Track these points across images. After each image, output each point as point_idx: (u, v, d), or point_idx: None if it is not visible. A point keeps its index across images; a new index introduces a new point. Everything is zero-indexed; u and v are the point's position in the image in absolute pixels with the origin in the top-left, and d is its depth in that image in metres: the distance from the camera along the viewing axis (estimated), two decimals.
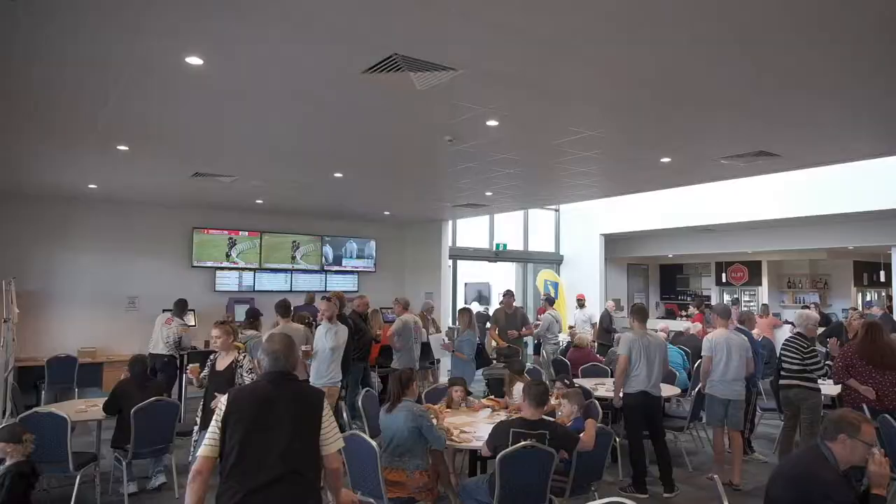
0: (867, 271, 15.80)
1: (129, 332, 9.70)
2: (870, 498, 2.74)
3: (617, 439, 5.79)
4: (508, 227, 14.28)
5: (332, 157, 6.76)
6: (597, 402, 5.41)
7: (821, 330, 9.98)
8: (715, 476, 3.27)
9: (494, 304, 14.31)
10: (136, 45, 3.66)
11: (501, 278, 15.50)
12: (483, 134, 5.69)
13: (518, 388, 5.55)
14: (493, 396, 5.99)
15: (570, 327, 11.86)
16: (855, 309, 12.79)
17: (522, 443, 3.76)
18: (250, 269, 11.40)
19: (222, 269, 11.11)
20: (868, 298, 15.94)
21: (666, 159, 6.77)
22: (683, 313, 16.70)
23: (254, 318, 7.06)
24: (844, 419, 2.82)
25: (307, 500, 2.59)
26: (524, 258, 14.79)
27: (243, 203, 10.25)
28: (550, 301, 11.80)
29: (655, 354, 5.66)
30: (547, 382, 6.64)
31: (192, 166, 7.20)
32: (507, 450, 3.71)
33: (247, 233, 11.37)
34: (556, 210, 15.15)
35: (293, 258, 11.95)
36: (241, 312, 9.78)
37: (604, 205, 13.14)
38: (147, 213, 10.37)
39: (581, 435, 4.17)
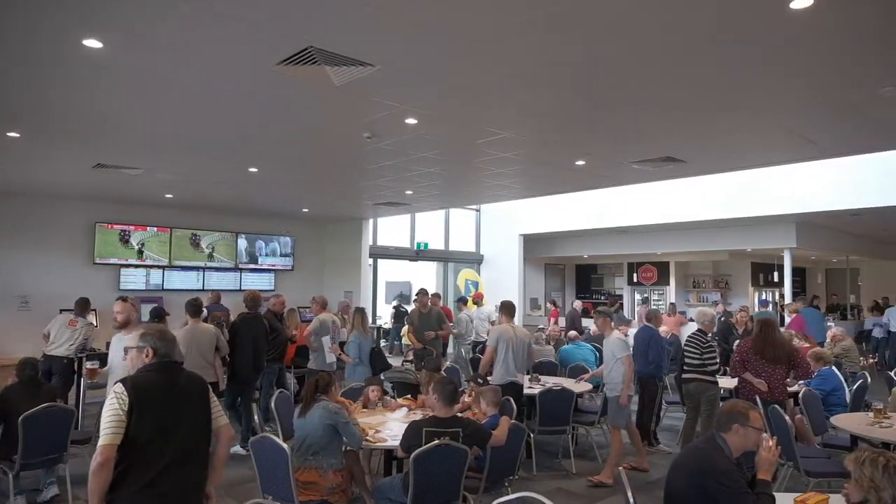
0: (763, 272, 16.96)
1: (22, 334, 8.99)
2: (756, 483, 2.92)
3: (532, 435, 5.93)
4: (430, 227, 14.33)
5: (247, 150, 6.54)
6: (511, 399, 5.49)
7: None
8: (621, 468, 3.39)
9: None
10: (27, 22, 3.39)
11: (423, 277, 15.53)
12: (402, 132, 5.66)
13: None
14: (409, 396, 5.96)
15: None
16: (719, 303, 13.88)
17: (436, 441, 3.76)
18: (159, 267, 10.87)
19: (128, 266, 10.53)
20: (763, 297, 17.12)
21: (580, 162, 6.98)
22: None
23: (159, 319, 6.72)
24: (734, 410, 3.01)
25: (203, 481, 2.82)
26: (445, 257, 14.89)
27: (152, 197, 9.76)
28: (464, 301, 11.76)
29: (520, 347, 6.05)
30: (465, 381, 6.68)
31: (93, 157, 6.77)
32: (421, 449, 3.70)
33: (155, 228, 10.83)
34: (477, 210, 15.34)
35: (211, 256, 11.49)
36: (147, 312, 9.29)
37: (523, 206, 13.41)
38: (44, 205, 9.67)
39: (494, 431, 4.22)
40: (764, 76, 4.20)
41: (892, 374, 7.39)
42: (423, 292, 8.82)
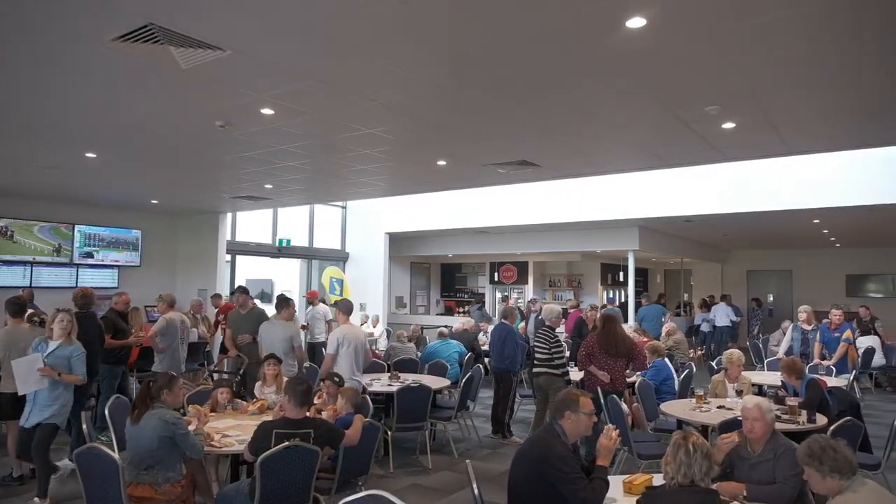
0: (611, 272, 18.33)
1: None
2: (595, 468, 3.12)
3: (389, 433, 5.95)
4: (293, 223, 13.90)
5: (83, 133, 5.95)
6: (368, 397, 5.47)
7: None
8: (468, 461, 3.48)
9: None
10: None
11: (285, 275, 15.05)
12: (259, 122, 5.43)
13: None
14: (254, 399, 5.76)
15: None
16: (573, 304, 14.79)
17: (285, 443, 3.64)
18: None
19: None
20: (611, 295, 18.49)
21: (442, 162, 7.10)
22: (461, 310, 17.79)
23: None
24: (566, 398, 3.21)
25: None
26: (309, 254, 14.52)
27: None
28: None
29: (278, 340, 6.51)
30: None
31: None
32: (268, 452, 3.57)
33: None
34: (343, 207, 15.12)
35: (57, 251, 10.32)
36: None
37: (389, 204, 13.41)
38: None
39: (347, 430, 4.16)
40: (608, 88, 4.50)
41: (713, 363, 8.26)
42: (241, 289, 8.07)
